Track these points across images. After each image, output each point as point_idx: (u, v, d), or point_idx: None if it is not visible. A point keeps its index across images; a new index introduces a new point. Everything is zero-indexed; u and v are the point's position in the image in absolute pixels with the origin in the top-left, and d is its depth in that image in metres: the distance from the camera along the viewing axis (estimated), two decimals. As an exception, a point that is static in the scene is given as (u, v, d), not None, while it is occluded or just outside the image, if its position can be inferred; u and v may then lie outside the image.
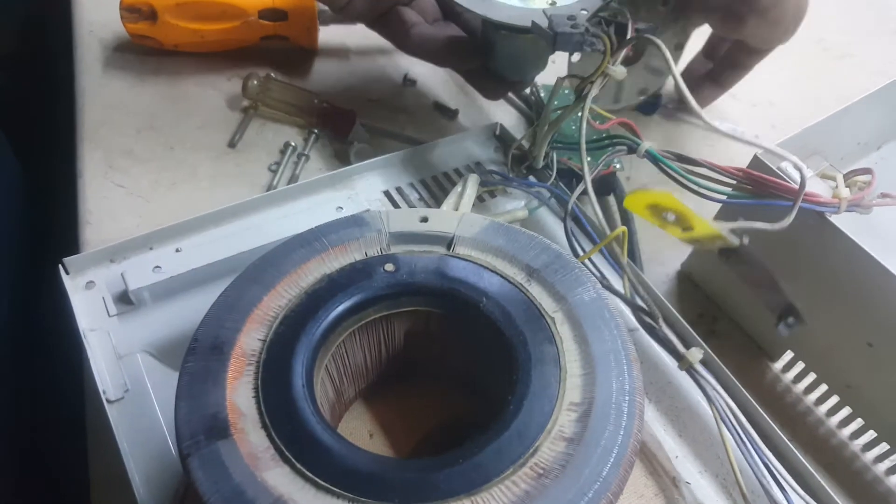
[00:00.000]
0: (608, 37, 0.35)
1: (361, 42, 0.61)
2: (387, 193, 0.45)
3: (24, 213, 0.63)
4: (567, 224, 0.36)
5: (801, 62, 0.69)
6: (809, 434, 0.42)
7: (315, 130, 0.53)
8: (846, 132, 0.49)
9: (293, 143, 0.51)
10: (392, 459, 0.27)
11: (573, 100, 0.39)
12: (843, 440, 0.42)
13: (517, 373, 0.29)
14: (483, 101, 0.57)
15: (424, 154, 0.47)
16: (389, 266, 0.33)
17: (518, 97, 0.58)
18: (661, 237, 0.50)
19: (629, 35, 0.34)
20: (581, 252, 0.38)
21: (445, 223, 0.35)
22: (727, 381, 0.36)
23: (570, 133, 0.49)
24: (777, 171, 0.37)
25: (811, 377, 0.42)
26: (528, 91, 0.57)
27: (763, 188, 0.35)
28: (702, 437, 0.37)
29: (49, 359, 0.58)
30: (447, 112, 0.57)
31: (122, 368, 0.35)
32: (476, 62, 0.48)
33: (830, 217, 0.36)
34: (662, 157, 0.36)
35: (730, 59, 0.55)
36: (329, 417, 0.33)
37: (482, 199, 0.45)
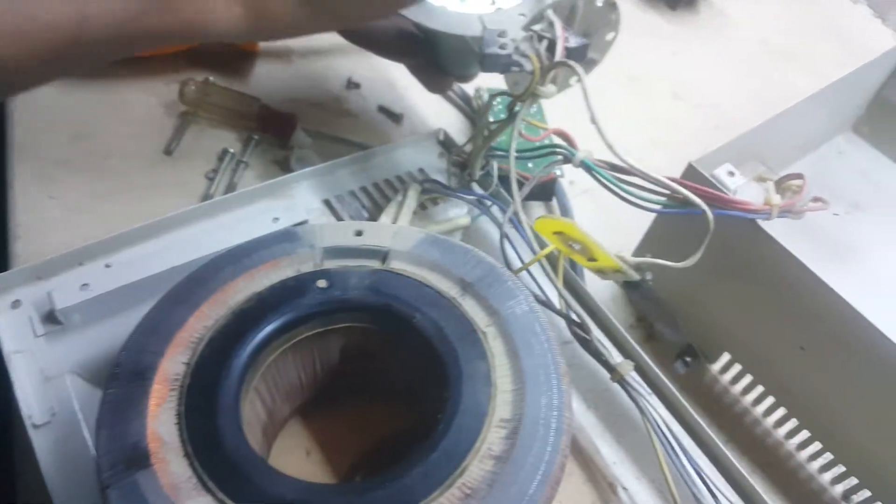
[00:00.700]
0: (538, 56, 0.34)
1: (304, 44, 0.60)
2: (327, 202, 0.44)
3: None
4: (503, 238, 0.36)
5: (746, 62, 0.70)
6: (747, 434, 0.43)
7: (255, 136, 0.51)
8: (785, 135, 0.50)
9: (231, 150, 0.50)
10: (318, 485, 0.27)
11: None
12: (779, 439, 0.43)
13: (448, 390, 0.29)
14: (428, 105, 0.57)
15: (366, 161, 0.47)
16: (322, 282, 0.32)
17: (462, 100, 0.58)
18: (602, 241, 0.51)
19: (558, 55, 0.33)
20: (519, 263, 0.38)
21: (380, 237, 0.35)
22: (662, 387, 0.37)
23: (510, 142, 0.49)
24: (710, 179, 0.38)
25: (748, 378, 0.43)
26: (472, 94, 0.57)
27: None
28: (639, 443, 0.37)
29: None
30: (392, 116, 0.56)
31: (49, 391, 0.34)
32: (423, 57, 0.47)
33: (762, 224, 0.37)
34: (596, 167, 0.36)
35: None
36: (261, 438, 0.32)
37: (425, 207, 0.45)
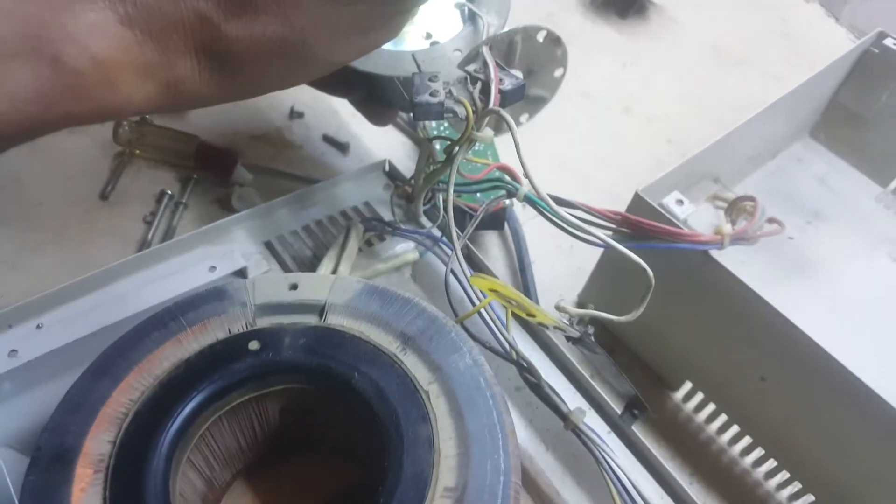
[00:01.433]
0: (473, 101, 0.32)
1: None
2: (268, 244, 0.42)
3: None
4: (447, 281, 0.34)
5: (696, 70, 0.69)
6: (712, 464, 0.42)
7: (194, 175, 0.49)
8: (740, 149, 0.49)
9: (170, 191, 0.48)
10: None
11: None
12: (747, 468, 0.41)
13: (388, 459, 0.27)
14: (375, 132, 0.55)
15: (308, 198, 0.45)
16: (254, 344, 0.31)
17: (410, 126, 0.56)
18: (557, 266, 0.49)
19: (492, 101, 0.31)
20: (469, 304, 0.36)
21: (316, 289, 0.33)
22: (622, 427, 0.35)
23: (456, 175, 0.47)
24: (658, 209, 0.36)
25: (711, 407, 0.42)
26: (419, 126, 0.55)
27: (641, 231, 0.34)
28: (599, 486, 0.35)
29: None
30: (337, 145, 0.54)
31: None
32: (362, 93, 0.46)
33: (714, 254, 0.36)
34: (540, 201, 0.34)
35: None
36: (198, 510, 0.31)
37: (371, 244, 0.43)
